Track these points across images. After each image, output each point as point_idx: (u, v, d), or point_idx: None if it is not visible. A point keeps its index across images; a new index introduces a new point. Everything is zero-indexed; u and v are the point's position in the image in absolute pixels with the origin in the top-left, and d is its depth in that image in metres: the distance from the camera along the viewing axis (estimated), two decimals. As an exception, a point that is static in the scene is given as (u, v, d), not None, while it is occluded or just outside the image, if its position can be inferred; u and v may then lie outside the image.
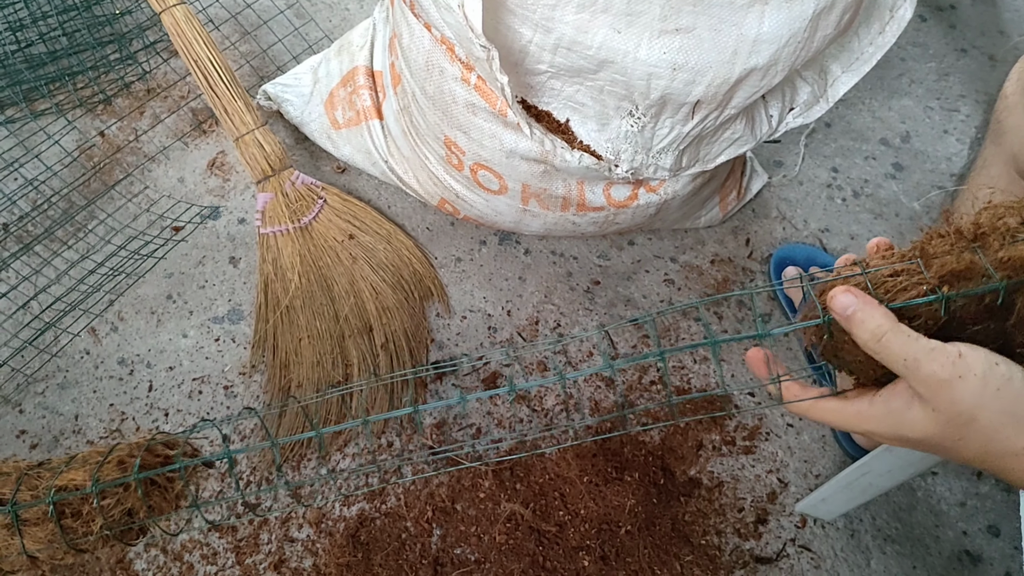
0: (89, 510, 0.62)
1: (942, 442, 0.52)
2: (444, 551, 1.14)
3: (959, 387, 0.49)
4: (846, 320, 0.53)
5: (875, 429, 0.55)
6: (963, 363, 0.49)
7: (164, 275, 1.37)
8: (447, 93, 1.13)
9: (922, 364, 0.50)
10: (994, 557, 1.19)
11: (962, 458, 0.53)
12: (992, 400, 0.49)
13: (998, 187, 0.95)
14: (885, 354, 0.51)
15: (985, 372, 0.49)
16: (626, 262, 1.44)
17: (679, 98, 1.00)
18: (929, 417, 0.51)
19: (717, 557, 1.17)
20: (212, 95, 1.33)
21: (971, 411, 0.49)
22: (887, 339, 0.51)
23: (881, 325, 0.51)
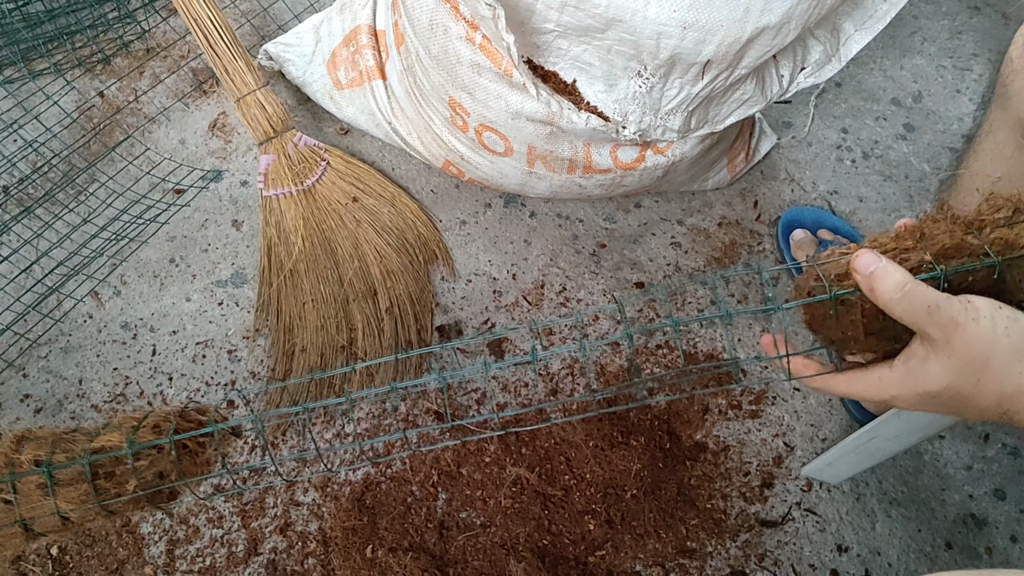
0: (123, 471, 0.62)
1: (961, 389, 0.54)
2: (449, 515, 1.15)
3: (972, 329, 0.52)
4: (869, 277, 0.55)
5: (897, 393, 0.57)
6: (973, 307, 0.53)
7: (167, 238, 1.35)
8: (451, 53, 1.11)
9: (943, 309, 0.52)
10: (999, 520, 1.19)
11: (981, 407, 0.55)
12: (1002, 339, 0.52)
13: (1003, 153, 0.93)
14: (908, 303, 0.53)
15: (992, 314, 0.52)
16: (632, 225, 1.43)
17: (689, 58, 0.98)
18: (946, 366, 0.53)
19: (723, 521, 1.17)
20: (212, 55, 1.31)
21: (985, 352, 0.52)
22: (910, 288, 0.53)
23: (904, 277, 0.53)
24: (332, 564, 1.11)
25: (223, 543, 1.12)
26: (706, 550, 1.15)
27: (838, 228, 1.38)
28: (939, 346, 0.53)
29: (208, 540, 1.12)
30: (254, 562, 1.11)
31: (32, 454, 0.61)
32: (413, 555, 1.11)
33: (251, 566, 1.10)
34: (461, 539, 1.13)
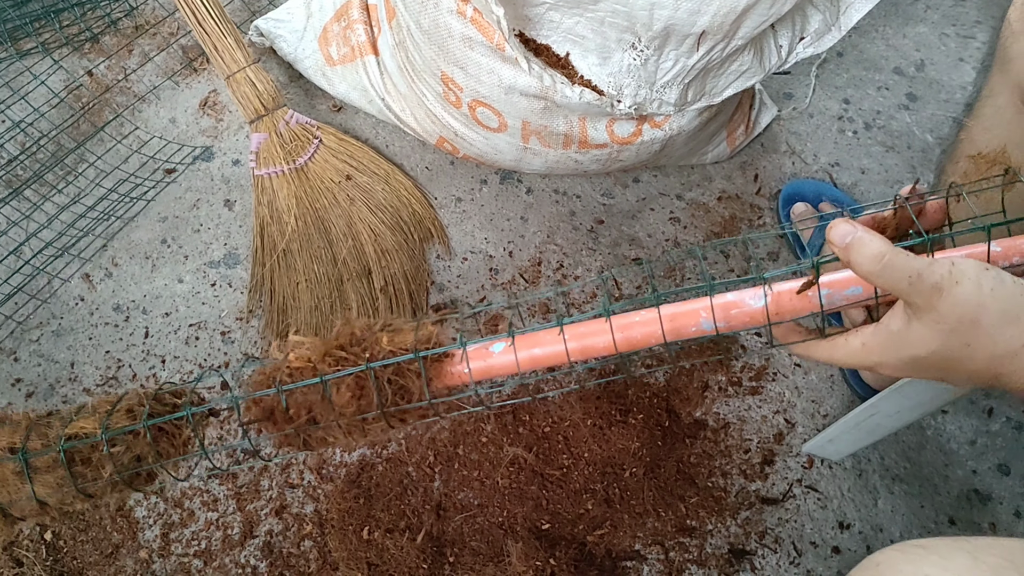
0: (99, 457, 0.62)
1: (949, 353, 0.52)
2: (446, 496, 1.14)
3: (958, 291, 0.50)
4: (845, 248, 0.53)
5: (881, 358, 0.55)
6: (957, 270, 0.51)
7: (158, 219, 1.34)
8: (443, 26, 1.09)
9: (924, 276, 0.51)
10: (1003, 496, 1.18)
11: (971, 370, 0.53)
12: (989, 300, 0.50)
13: (1004, 117, 0.91)
14: (888, 274, 0.52)
15: (978, 275, 0.51)
16: (630, 200, 1.40)
17: (683, 29, 0.96)
18: (932, 329, 0.52)
19: (723, 499, 1.16)
20: (201, 32, 1.28)
21: (973, 313, 0.51)
22: (889, 259, 0.51)
23: (881, 247, 0.52)
24: (328, 546, 1.10)
25: (218, 526, 1.11)
26: (706, 528, 1.14)
27: (839, 200, 1.36)
28: (923, 311, 0.52)
29: (203, 523, 1.11)
30: (250, 545, 1.10)
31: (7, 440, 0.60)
32: (410, 536, 1.10)
33: (247, 549, 1.10)
34: (458, 519, 1.12)
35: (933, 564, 0.43)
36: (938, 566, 0.43)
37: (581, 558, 1.10)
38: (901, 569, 0.45)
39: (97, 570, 1.07)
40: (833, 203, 1.35)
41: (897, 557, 0.45)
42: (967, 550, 0.44)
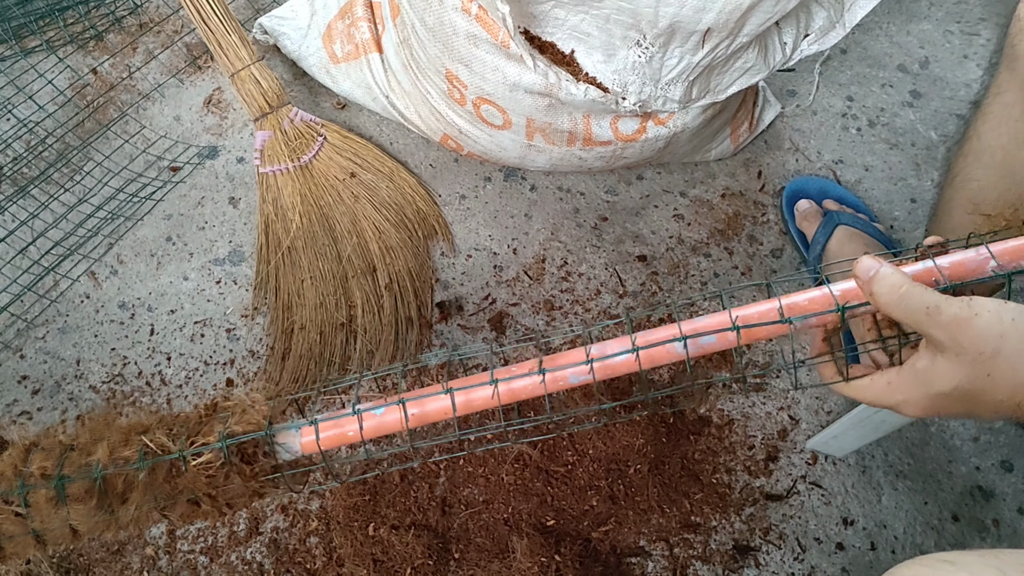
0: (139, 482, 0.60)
1: (972, 385, 0.53)
2: (451, 492, 1.14)
3: (978, 323, 0.52)
4: (868, 282, 0.56)
5: (907, 396, 0.57)
6: (976, 303, 0.53)
7: (163, 217, 1.34)
8: (447, 24, 1.09)
9: (943, 309, 0.53)
10: (1007, 492, 1.18)
11: (995, 400, 0.54)
12: (1010, 329, 0.52)
13: (1011, 115, 0.91)
14: (906, 305, 0.54)
15: (998, 307, 0.52)
16: (634, 197, 1.41)
17: (689, 26, 0.96)
18: (955, 363, 0.53)
19: (727, 495, 1.16)
20: (205, 29, 1.29)
21: (994, 343, 0.52)
22: (907, 290, 0.54)
23: (901, 280, 0.54)
24: (334, 542, 1.10)
25: (224, 523, 1.11)
26: (710, 524, 1.14)
27: (843, 198, 1.36)
28: (946, 346, 0.53)
29: (209, 520, 1.11)
30: (256, 541, 1.10)
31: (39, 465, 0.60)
32: (415, 532, 1.10)
33: (252, 545, 1.10)
34: (464, 516, 1.12)
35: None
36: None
37: (586, 554, 1.11)
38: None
39: (104, 567, 1.08)
40: (837, 200, 1.35)
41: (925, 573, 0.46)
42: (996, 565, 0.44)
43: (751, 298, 1.31)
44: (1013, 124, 0.92)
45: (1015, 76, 0.90)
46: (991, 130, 0.94)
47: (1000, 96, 0.94)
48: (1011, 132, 0.92)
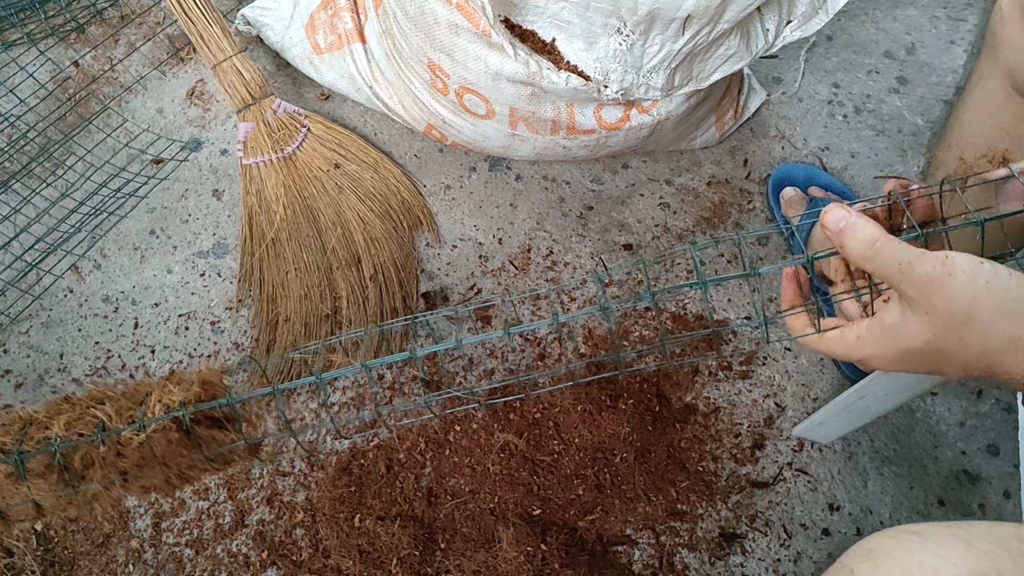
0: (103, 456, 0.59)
1: (943, 346, 0.52)
2: (437, 482, 1.14)
3: (951, 284, 0.50)
4: (838, 234, 0.54)
5: (875, 351, 0.56)
6: (951, 263, 0.51)
7: (146, 210, 1.33)
8: (428, 13, 1.08)
9: (915, 265, 0.51)
10: (993, 476, 1.18)
11: (964, 363, 0.53)
12: (983, 293, 0.50)
13: (993, 102, 0.91)
14: (879, 260, 0.52)
15: (972, 269, 0.50)
16: (620, 186, 1.40)
17: (668, 13, 0.95)
18: (925, 321, 0.52)
19: (713, 483, 1.16)
20: (186, 20, 1.28)
21: (966, 306, 0.50)
22: (880, 245, 0.52)
23: (874, 233, 0.52)
24: (320, 534, 1.10)
25: (210, 515, 1.11)
26: (697, 512, 1.14)
27: (830, 185, 1.35)
28: (917, 303, 0.52)
29: (195, 512, 1.11)
30: (241, 533, 1.10)
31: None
32: (401, 523, 1.10)
33: (238, 537, 1.10)
34: (450, 506, 1.12)
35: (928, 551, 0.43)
36: (932, 552, 0.43)
37: (572, 543, 1.11)
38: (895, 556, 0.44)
39: (88, 560, 1.07)
40: (822, 188, 1.34)
41: (891, 543, 0.45)
42: (961, 536, 0.43)
43: (737, 284, 1.30)
44: (994, 112, 0.92)
45: (996, 63, 0.90)
46: (973, 118, 0.94)
47: (982, 83, 0.94)
48: (992, 120, 0.92)
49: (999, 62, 0.89)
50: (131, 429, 0.57)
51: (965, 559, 0.42)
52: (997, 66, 0.90)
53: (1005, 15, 0.87)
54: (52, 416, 0.60)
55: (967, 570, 0.41)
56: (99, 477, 0.58)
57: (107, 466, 0.58)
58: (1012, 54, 0.86)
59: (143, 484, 0.60)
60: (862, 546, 0.47)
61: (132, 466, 0.58)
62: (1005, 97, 0.90)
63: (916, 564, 0.43)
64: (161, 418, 0.57)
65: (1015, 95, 0.87)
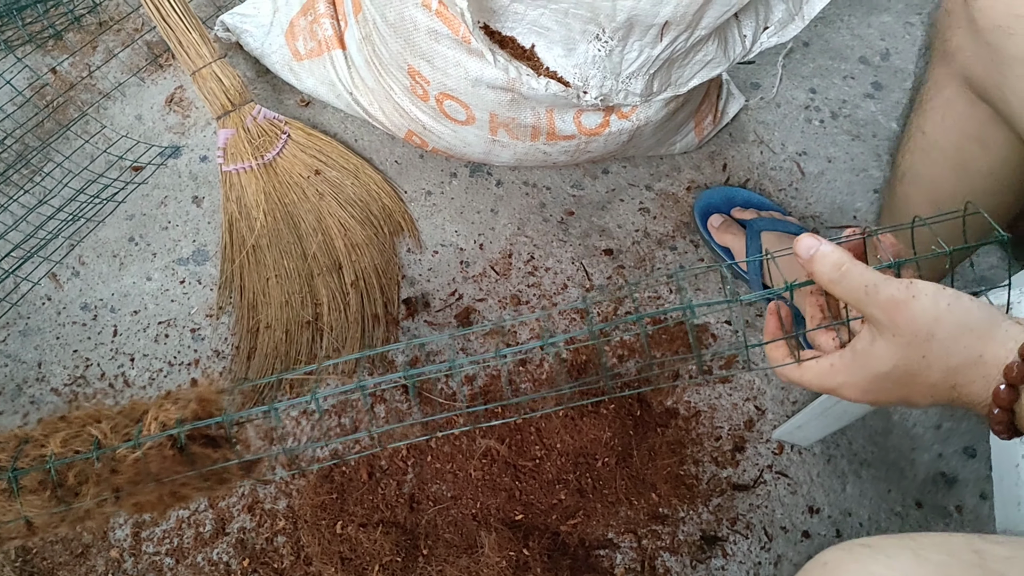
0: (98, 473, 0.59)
1: (909, 366, 0.55)
2: (419, 488, 1.14)
3: (914, 305, 0.53)
4: (809, 260, 0.57)
5: (847, 378, 0.58)
6: (915, 286, 0.54)
7: (125, 217, 1.33)
8: (408, 19, 1.09)
9: (880, 288, 0.54)
10: (969, 478, 1.20)
11: (930, 383, 0.55)
12: (946, 314, 0.53)
13: (956, 110, 0.90)
14: (846, 283, 0.55)
15: (935, 292, 0.54)
16: (600, 191, 1.41)
17: (646, 19, 0.96)
18: (892, 344, 0.54)
19: (694, 486, 1.17)
20: (165, 27, 1.28)
21: (929, 327, 0.53)
22: (847, 268, 0.55)
23: (841, 258, 0.55)
24: (302, 541, 1.10)
25: (190, 524, 1.11)
26: (678, 515, 1.15)
27: (749, 200, 1.35)
28: (883, 326, 0.54)
29: (174, 522, 1.10)
30: (222, 542, 1.10)
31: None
32: (383, 529, 1.10)
33: (219, 545, 1.09)
34: (432, 512, 1.12)
35: (879, 563, 0.45)
36: (883, 564, 0.44)
37: (555, 548, 1.11)
38: (848, 568, 0.46)
39: (68, 570, 1.07)
40: (743, 206, 1.34)
41: (843, 557, 0.47)
42: (912, 548, 0.45)
43: (718, 290, 1.31)
44: (959, 119, 0.90)
45: (951, 71, 0.88)
46: (936, 126, 0.93)
47: (940, 92, 0.91)
48: (959, 127, 0.91)
49: (954, 69, 0.87)
50: (127, 446, 0.57)
51: (914, 570, 0.43)
52: (953, 74, 0.88)
53: (953, 21, 0.85)
54: (48, 434, 0.60)
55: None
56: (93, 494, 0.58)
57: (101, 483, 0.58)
58: (967, 63, 0.84)
59: (136, 501, 0.60)
60: (818, 559, 0.48)
61: (126, 483, 0.58)
62: (968, 104, 0.88)
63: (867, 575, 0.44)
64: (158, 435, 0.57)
65: (978, 100, 0.87)
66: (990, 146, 0.89)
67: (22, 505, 0.58)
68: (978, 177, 0.92)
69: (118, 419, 0.61)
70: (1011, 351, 0.52)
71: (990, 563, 0.43)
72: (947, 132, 0.92)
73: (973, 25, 0.80)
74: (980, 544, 0.44)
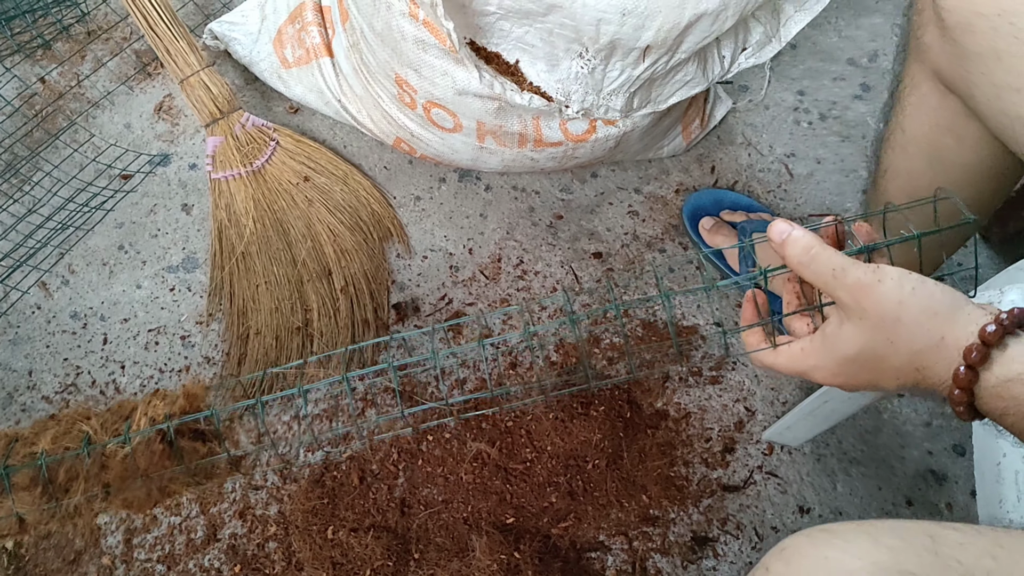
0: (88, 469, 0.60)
1: (875, 349, 0.56)
2: (410, 492, 1.14)
3: (880, 289, 0.55)
4: (781, 244, 0.59)
5: (817, 361, 0.60)
6: (881, 271, 0.55)
7: (115, 225, 1.33)
8: (395, 29, 1.09)
9: (848, 271, 0.56)
10: (959, 475, 1.20)
11: (895, 366, 0.57)
12: (910, 298, 0.54)
13: (930, 104, 0.92)
14: (815, 266, 0.57)
15: (900, 276, 0.55)
16: (589, 195, 1.42)
17: (628, 43, 0.98)
18: (858, 327, 0.56)
19: (685, 487, 1.17)
20: (152, 35, 1.28)
21: (895, 310, 0.55)
22: (816, 252, 0.57)
23: (811, 242, 0.57)
24: (293, 546, 1.10)
25: (181, 530, 1.11)
26: (669, 517, 1.15)
27: (737, 202, 1.36)
28: (851, 310, 0.56)
29: (166, 528, 1.11)
30: (214, 548, 1.10)
31: None
32: (375, 534, 1.10)
33: (211, 552, 1.10)
34: (423, 516, 1.12)
35: (835, 547, 0.46)
36: (839, 548, 0.45)
37: (546, 550, 1.11)
38: (805, 553, 0.47)
39: (59, 578, 1.07)
40: (731, 208, 1.35)
41: (802, 542, 0.48)
42: (869, 533, 0.46)
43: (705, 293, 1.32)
44: (932, 113, 0.93)
45: (924, 68, 0.91)
46: (913, 121, 0.96)
47: (915, 88, 0.94)
48: (932, 121, 0.93)
49: (927, 66, 0.90)
50: (116, 442, 0.58)
51: (869, 553, 0.44)
52: (925, 70, 0.91)
53: (925, 19, 0.88)
54: (38, 432, 0.60)
55: (870, 563, 0.44)
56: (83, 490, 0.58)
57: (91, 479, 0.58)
58: (936, 58, 0.87)
59: (125, 497, 0.60)
60: (779, 545, 0.50)
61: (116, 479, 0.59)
62: (940, 97, 0.91)
63: (823, 559, 0.45)
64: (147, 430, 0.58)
65: (949, 93, 0.89)
66: (964, 139, 0.91)
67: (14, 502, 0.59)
68: (954, 170, 0.94)
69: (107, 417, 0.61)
70: (972, 334, 0.54)
71: (943, 548, 0.44)
72: (923, 127, 0.94)
73: (941, 23, 0.83)
74: (935, 529, 0.45)
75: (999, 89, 0.78)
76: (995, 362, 0.53)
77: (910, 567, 0.43)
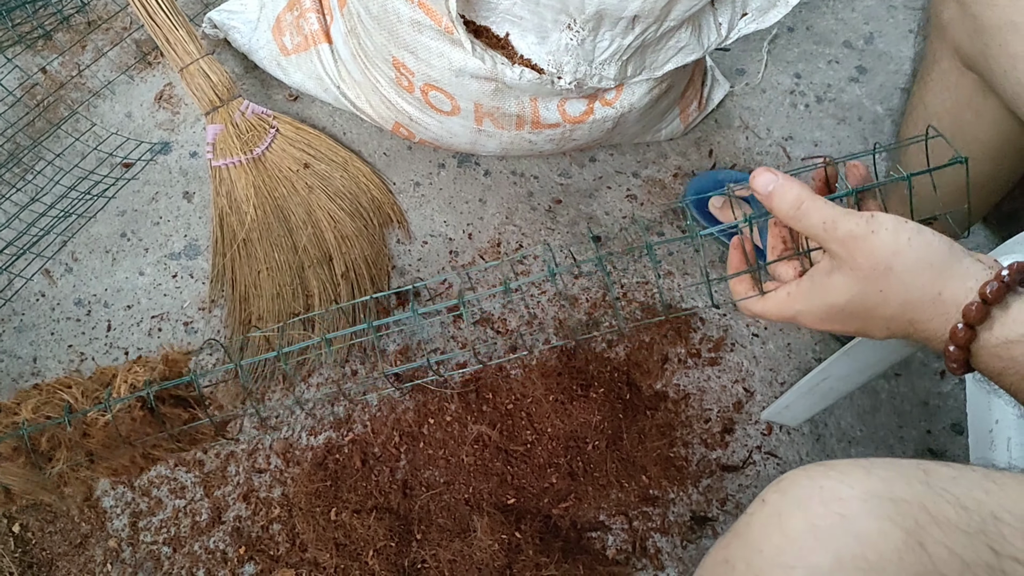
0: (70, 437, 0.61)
1: (866, 300, 0.55)
2: (412, 474, 1.15)
3: (873, 240, 0.53)
4: (767, 196, 0.57)
5: (804, 306, 0.59)
6: (875, 220, 0.54)
7: (117, 213, 1.34)
8: (391, 11, 1.10)
9: (839, 223, 0.54)
10: (958, 455, 1.21)
11: (886, 317, 0.56)
12: (906, 248, 0.53)
13: (950, 80, 0.94)
14: (805, 220, 0.55)
15: (896, 226, 0.53)
16: (588, 179, 1.42)
17: (615, 13, 0.98)
18: (849, 277, 0.55)
19: (684, 468, 1.18)
20: (152, 24, 1.29)
21: (887, 260, 0.53)
22: (806, 205, 0.55)
23: (800, 194, 0.56)
24: (297, 528, 1.11)
25: (186, 513, 1.12)
26: (668, 497, 1.16)
27: (741, 181, 1.37)
28: (843, 260, 0.55)
29: (171, 511, 1.12)
30: (219, 530, 1.11)
31: None
32: (377, 515, 1.11)
33: (215, 534, 1.11)
34: (425, 497, 1.14)
35: (831, 478, 0.46)
36: (833, 479, 0.46)
37: (547, 530, 1.12)
38: (800, 483, 0.47)
39: (67, 560, 1.08)
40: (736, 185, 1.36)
41: (800, 475, 0.48)
42: (863, 465, 0.46)
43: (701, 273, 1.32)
44: (953, 89, 0.95)
45: (945, 45, 0.93)
46: (934, 96, 0.98)
47: (937, 64, 0.97)
48: (953, 96, 0.95)
49: (946, 43, 0.92)
50: (97, 409, 0.59)
51: (862, 482, 0.45)
52: (946, 47, 0.93)
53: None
54: (20, 402, 0.61)
55: (862, 491, 0.44)
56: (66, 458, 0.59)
57: (73, 447, 0.59)
58: (956, 35, 0.89)
59: (109, 464, 0.61)
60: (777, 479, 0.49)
61: (98, 446, 0.59)
62: (959, 74, 0.93)
63: (818, 488, 0.46)
64: (127, 397, 0.59)
65: (967, 71, 0.91)
66: (983, 114, 0.93)
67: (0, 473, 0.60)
68: (974, 145, 0.96)
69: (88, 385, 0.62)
70: (971, 290, 0.52)
71: (935, 479, 0.44)
72: (944, 102, 0.97)
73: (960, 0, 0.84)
74: (928, 465, 0.46)
75: (1015, 59, 0.79)
76: (996, 321, 0.52)
77: (901, 495, 0.43)
